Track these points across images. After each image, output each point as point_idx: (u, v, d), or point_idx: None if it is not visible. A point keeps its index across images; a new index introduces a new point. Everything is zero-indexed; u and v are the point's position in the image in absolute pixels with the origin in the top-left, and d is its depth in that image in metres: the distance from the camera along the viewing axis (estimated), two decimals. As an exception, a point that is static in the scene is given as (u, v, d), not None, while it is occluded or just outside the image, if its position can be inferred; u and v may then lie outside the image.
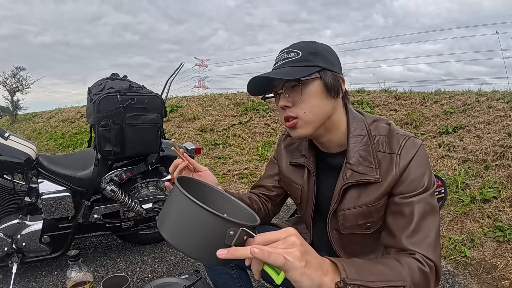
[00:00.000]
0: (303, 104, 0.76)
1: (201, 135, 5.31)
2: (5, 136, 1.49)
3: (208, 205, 0.53)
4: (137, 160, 1.90)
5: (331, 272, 0.53)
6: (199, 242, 0.54)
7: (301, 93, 0.75)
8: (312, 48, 0.78)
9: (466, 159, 3.00)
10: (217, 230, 0.53)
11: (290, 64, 0.76)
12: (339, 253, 0.89)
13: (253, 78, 0.76)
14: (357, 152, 0.80)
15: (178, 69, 2.25)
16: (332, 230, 0.88)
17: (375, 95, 5.26)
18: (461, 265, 1.91)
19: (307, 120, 0.77)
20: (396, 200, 0.76)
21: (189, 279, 1.26)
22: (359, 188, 0.80)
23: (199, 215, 0.54)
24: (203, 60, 33.46)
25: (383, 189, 0.77)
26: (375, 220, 0.81)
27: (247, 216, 0.69)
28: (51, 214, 1.69)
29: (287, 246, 0.48)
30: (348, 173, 0.80)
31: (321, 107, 0.77)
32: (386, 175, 0.77)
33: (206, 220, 0.53)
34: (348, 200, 0.82)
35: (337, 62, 0.80)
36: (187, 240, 0.55)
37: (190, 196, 0.54)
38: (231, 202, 0.73)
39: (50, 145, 7.02)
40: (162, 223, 0.58)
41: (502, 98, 4.02)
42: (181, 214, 0.56)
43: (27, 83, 18.39)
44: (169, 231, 0.57)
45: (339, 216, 0.84)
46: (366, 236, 0.85)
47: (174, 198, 0.59)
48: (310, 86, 0.76)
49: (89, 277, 1.07)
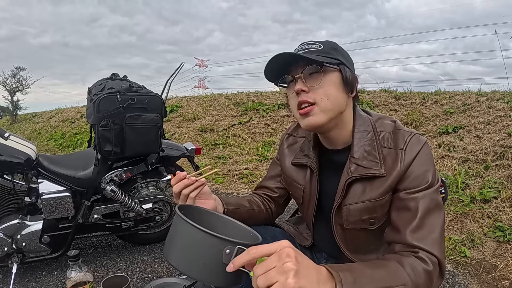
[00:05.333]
0: (321, 90, 0.75)
1: (201, 135, 5.31)
2: (5, 136, 1.48)
3: (207, 229, 0.55)
4: (137, 160, 1.90)
5: (329, 282, 0.53)
6: (199, 263, 0.56)
7: (321, 79, 0.75)
8: (333, 44, 0.80)
9: (466, 159, 3.00)
10: (214, 250, 0.54)
11: (311, 53, 0.76)
12: (342, 249, 0.89)
13: (276, 55, 0.75)
14: (362, 147, 0.81)
15: (178, 69, 2.25)
16: (336, 225, 0.87)
17: (375, 95, 5.26)
18: (461, 265, 1.91)
19: (324, 107, 0.76)
20: (401, 195, 0.76)
21: (189, 279, 1.26)
22: (363, 182, 0.80)
23: (193, 236, 0.56)
24: (203, 60, 33.47)
25: (388, 184, 0.77)
26: (379, 216, 0.81)
27: (251, 237, 0.69)
28: (51, 214, 1.69)
29: (279, 265, 0.49)
30: (352, 167, 0.80)
31: (338, 98, 0.77)
32: (391, 170, 0.77)
33: (201, 241, 0.55)
34: (352, 195, 0.82)
35: (352, 63, 0.82)
36: (189, 264, 0.57)
37: (185, 217, 0.56)
38: (231, 224, 0.75)
39: (50, 145, 7.02)
40: (168, 251, 0.61)
41: (502, 98, 4.02)
42: (179, 238, 0.59)
43: (27, 83, 18.38)
44: (174, 258, 0.59)
45: (343, 210, 0.84)
46: (369, 233, 0.85)
47: (173, 225, 0.62)
48: (330, 75, 0.76)
49: (89, 277, 1.07)
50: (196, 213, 0.73)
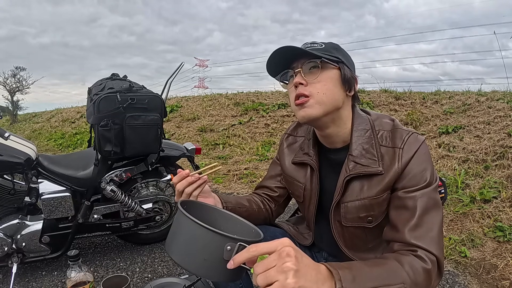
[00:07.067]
0: (318, 84, 0.78)
1: (201, 135, 5.32)
2: (5, 136, 1.49)
3: (211, 225, 0.55)
4: (137, 160, 1.90)
5: (328, 281, 0.54)
6: (199, 258, 0.56)
7: (319, 74, 0.77)
8: (334, 45, 0.83)
9: (466, 159, 3.00)
10: (216, 246, 0.54)
11: (313, 50, 0.78)
12: (341, 247, 0.90)
13: (279, 48, 0.78)
14: (360, 145, 0.81)
15: (178, 69, 2.25)
16: (334, 222, 0.88)
17: (375, 95, 5.26)
18: (461, 265, 1.91)
19: (319, 100, 0.78)
20: (399, 194, 0.77)
21: (189, 279, 1.27)
22: (361, 180, 0.81)
23: (194, 231, 0.56)
24: (203, 60, 33.48)
25: (386, 182, 0.78)
26: (376, 214, 0.82)
27: (252, 233, 0.69)
28: (51, 214, 1.69)
29: (279, 264, 0.49)
30: (351, 165, 0.81)
31: (334, 93, 0.79)
32: (388, 169, 0.77)
33: (202, 237, 0.55)
34: (350, 193, 0.83)
35: (353, 65, 0.84)
36: (190, 259, 0.57)
37: (187, 213, 0.57)
38: (233, 220, 0.75)
39: (50, 145, 7.03)
40: (169, 246, 0.61)
41: (502, 98, 4.02)
42: (180, 233, 0.59)
43: (27, 83, 18.39)
44: (175, 253, 0.59)
45: (342, 208, 0.85)
46: (367, 231, 0.85)
47: (175, 220, 0.62)
48: (328, 71, 0.79)
49: (89, 277, 1.07)
50: (198, 208, 0.73)
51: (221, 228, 0.57)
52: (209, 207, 0.77)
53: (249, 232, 0.69)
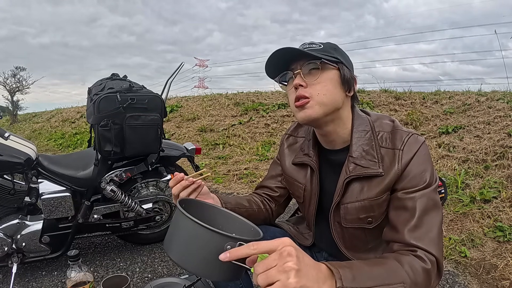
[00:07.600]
0: (318, 86, 0.78)
1: (201, 135, 5.32)
2: (5, 136, 1.49)
3: (210, 224, 0.55)
4: (137, 160, 1.90)
5: (329, 280, 0.54)
6: (198, 258, 0.56)
7: (319, 75, 0.78)
8: (333, 45, 0.84)
9: (466, 159, 3.00)
10: (215, 245, 0.54)
11: (311, 51, 0.78)
12: (341, 248, 0.90)
13: (277, 50, 0.78)
14: (360, 147, 0.81)
15: (178, 69, 2.26)
16: (334, 223, 0.88)
17: (375, 95, 5.26)
18: (461, 265, 1.91)
19: (319, 101, 0.78)
20: (399, 195, 0.77)
21: (189, 279, 1.27)
22: (361, 182, 0.81)
23: (193, 231, 0.56)
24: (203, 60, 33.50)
25: (385, 184, 0.78)
26: (376, 215, 0.82)
27: (252, 232, 0.69)
28: (51, 214, 1.69)
29: (280, 264, 0.49)
30: (351, 167, 0.81)
31: (334, 94, 0.79)
32: (388, 170, 0.78)
33: (201, 236, 0.55)
34: (350, 194, 0.83)
35: (351, 65, 0.85)
36: (189, 258, 0.57)
37: (186, 212, 0.56)
38: (232, 219, 0.75)
39: (50, 145, 7.02)
40: (168, 245, 0.61)
41: (502, 98, 4.02)
42: (179, 232, 0.59)
43: (27, 83, 18.37)
44: (174, 252, 0.59)
45: (341, 209, 0.85)
46: (367, 231, 0.86)
47: (174, 219, 0.62)
48: (328, 72, 0.79)
49: (89, 277, 1.07)
50: (198, 207, 0.73)
51: (220, 227, 0.57)
52: (208, 205, 0.77)
53: (248, 231, 0.69)
